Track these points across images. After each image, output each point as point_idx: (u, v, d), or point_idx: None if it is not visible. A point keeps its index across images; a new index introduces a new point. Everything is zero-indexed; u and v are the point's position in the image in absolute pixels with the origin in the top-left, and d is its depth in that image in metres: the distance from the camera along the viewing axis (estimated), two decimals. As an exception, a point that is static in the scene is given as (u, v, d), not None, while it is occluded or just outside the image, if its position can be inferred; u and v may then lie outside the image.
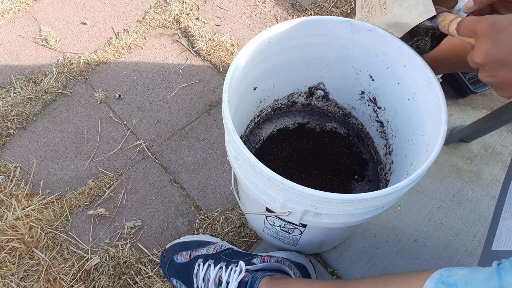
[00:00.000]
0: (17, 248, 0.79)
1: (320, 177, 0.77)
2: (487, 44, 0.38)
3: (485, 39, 0.38)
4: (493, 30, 0.37)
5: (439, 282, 0.41)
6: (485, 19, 0.39)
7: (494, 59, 0.38)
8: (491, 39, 0.37)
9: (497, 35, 0.37)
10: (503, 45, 0.37)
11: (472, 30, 0.41)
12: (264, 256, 0.70)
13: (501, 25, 0.37)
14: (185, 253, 0.73)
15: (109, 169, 0.90)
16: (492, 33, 0.37)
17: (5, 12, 1.13)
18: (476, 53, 0.39)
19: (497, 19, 0.37)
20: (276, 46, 0.62)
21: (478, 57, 0.39)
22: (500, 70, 0.38)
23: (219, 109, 0.98)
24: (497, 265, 0.37)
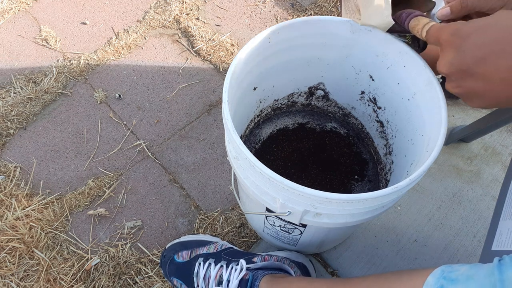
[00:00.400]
0: (17, 248, 0.79)
1: (320, 177, 0.77)
2: (451, 54, 0.36)
3: (449, 48, 0.37)
4: (456, 38, 0.36)
5: (441, 277, 0.41)
6: (448, 27, 0.37)
7: (459, 69, 0.36)
8: (454, 48, 0.36)
9: (460, 44, 0.35)
10: (467, 54, 0.35)
11: (436, 38, 0.39)
12: (265, 255, 0.70)
13: (464, 33, 0.35)
14: (185, 252, 0.73)
15: (109, 169, 0.90)
16: (455, 42, 0.36)
17: (5, 12, 1.13)
18: (441, 62, 0.38)
19: (460, 26, 0.36)
20: (276, 46, 0.62)
21: (442, 67, 0.38)
22: (466, 80, 0.36)
23: (219, 109, 0.98)
24: (498, 261, 0.38)
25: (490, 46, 0.34)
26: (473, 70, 0.35)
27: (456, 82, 0.37)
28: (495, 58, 0.33)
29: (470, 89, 0.36)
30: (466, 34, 0.35)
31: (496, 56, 0.33)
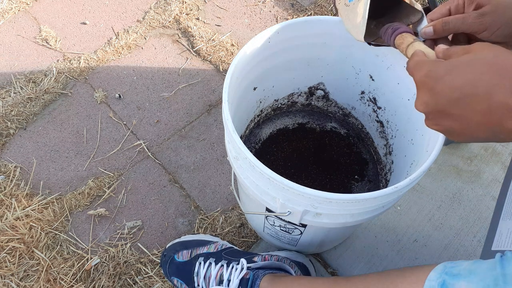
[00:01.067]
0: (17, 248, 0.79)
1: (320, 177, 0.77)
2: (425, 95, 0.36)
3: (423, 88, 0.36)
4: (429, 79, 0.35)
5: (443, 273, 0.41)
6: (421, 66, 0.37)
7: (435, 109, 0.35)
8: (428, 89, 0.35)
9: (433, 86, 0.34)
10: (441, 96, 0.34)
11: (411, 75, 0.39)
12: (265, 255, 0.70)
13: (437, 75, 0.34)
14: (185, 252, 0.73)
15: (109, 169, 0.90)
16: (428, 83, 0.35)
17: (5, 12, 1.13)
18: (417, 102, 0.37)
19: (433, 67, 0.35)
20: (276, 46, 0.62)
21: (419, 107, 0.37)
22: (443, 119, 0.35)
23: (219, 109, 0.98)
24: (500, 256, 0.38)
25: (463, 88, 0.33)
26: (449, 111, 0.34)
27: (434, 120, 0.37)
28: (469, 102, 0.33)
29: (449, 127, 0.36)
30: (439, 76, 0.34)
31: (470, 99, 0.33)
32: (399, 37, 0.48)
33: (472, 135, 0.35)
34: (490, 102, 0.32)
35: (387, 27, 0.52)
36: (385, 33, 0.52)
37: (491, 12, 0.44)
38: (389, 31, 0.51)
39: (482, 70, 0.32)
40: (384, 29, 0.52)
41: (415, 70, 0.37)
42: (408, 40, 0.46)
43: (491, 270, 0.37)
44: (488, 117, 0.32)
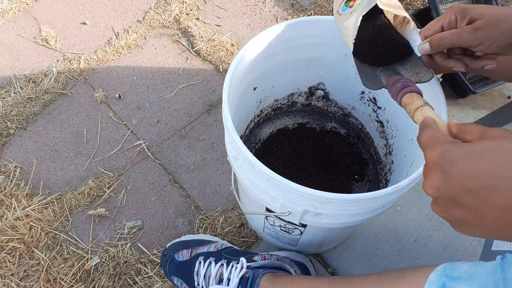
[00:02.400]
0: (17, 248, 0.79)
1: (320, 177, 0.77)
2: (437, 177, 0.32)
3: (435, 170, 0.33)
4: (444, 162, 0.32)
5: (443, 275, 0.41)
6: (436, 145, 0.33)
7: (446, 195, 0.32)
8: (441, 172, 0.32)
9: (448, 169, 0.31)
10: (455, 182, 0.31)
11: (423, 149, 0.35)
12: (265, 254, 0.70)
13: (452, 158, 0.31)
14: (185, 251, 0.73)
15: (109, 169, 0.90)
16: (442, 166, 0.32)
17: (5, 12, 1.13)
18: (427, 184, 0.34)
19: (449, 149, 0.32)
20: (276, 46, 0.62)
21: (428, 189, 0.34)
22: (454, 208, 0.32)
23: (219, 109, 0.98)
24: (501, 259, 0.38)
25: (481, 179, 0.30)
26: (462, 200, 0.31)
27: (443, 207, 0.33)
28: (487, 194, 0.29)
29: (459, 218, 0.32)
30: (455, 160, 0.31)
31: (489, 191, 0.29)
32: (408, 97, 0.45)
33: (484, 230, 0.32)
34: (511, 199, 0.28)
35: (395, 81, 0.49)
36: (391, 86, 0.49)
37: (485, 26, 0.44)
38: (397, 85, 0.48)
39: (504, 161, 0.29)
40: (391, 81, 0.49)
41: (428, 146, 0.34)
42: (418, 103, 0.43)
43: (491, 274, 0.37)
44: (508, 215, 0.29)
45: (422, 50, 0.49)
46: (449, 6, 0.94)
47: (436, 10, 0.93)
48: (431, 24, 0.49)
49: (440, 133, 0.35)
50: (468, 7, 0.46)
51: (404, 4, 1.15)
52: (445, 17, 0.48)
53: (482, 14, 0.44)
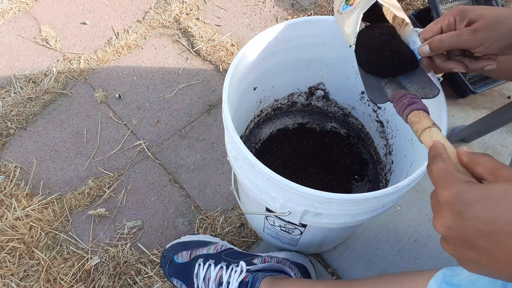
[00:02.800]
0: (17, 248, 0.79)
1: (320, 177, 0.77)
2: (450, 217, 0.31)
3: (448, 210, 0.32)
4: (458, 203, 0.31)
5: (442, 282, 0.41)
6: (450, 183, 0.32)
7: (459, 236, 0.31)
8: (454, 213, 0.31)
9: (462, 211, 0.31)
10: (469, 224, 0.30)
11: (434, 184, 0.34)
12: (265, 257, 0.70)
13: (467, 200, 0.30)
14: (185, 253, 0.73)
15: (109, 169, 0.90)
16: (456, 206, 0.31)
17: (5, 12, 1.13)
18: (438, 222, 0.33)
19: (464, 189, 0.31)
20: (276, 46, 0.62)
21: (439, 228, 0.33)
22: (466, 248, 0.31)
23: (219, 109, 0.98)
24: None
25: (497, 223, 0.29)
26: (476, 243, 0.30)
27: (454, 246, 0.32)
28: (504, 239, 0.29)
29: (470, 258, 0.32)
30: (470, 202, 0.30)
31: (504, 237, 0.29)
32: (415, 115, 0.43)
33: (496, 272, 0.31)
34: None
35: (401, 96, 0.47)
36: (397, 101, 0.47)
37: (484, 28, 0.44)
38: (403, 101, 0.46)
39: None
40: (396, 95, 0.48)
41: (442, 183, 0.33)
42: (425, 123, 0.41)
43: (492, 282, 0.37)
44: None
45: (421, 52, 0.49)
46: (449, 7, 0.94)
47: (436, 10, 0.93)
48: (430, 26, 0.49)
49: (452, 166, 0.34)
50: (467, 9, 0.46)
51: (404, 4, 1.15)
52: (444, 19, 0.47)
53: (481, 15, 0.44)
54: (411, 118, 0.44)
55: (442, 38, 0.46)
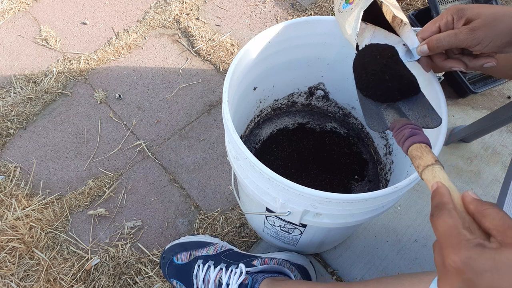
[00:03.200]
0: (17, 248, 0.79)
1: (320, 177, 0.77)
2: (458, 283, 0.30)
3: (456, 276, 0.30)
4: (467, 270, 0.29)
5: None
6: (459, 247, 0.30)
7: None
8: (464, 280, 0.30)
9: (471, 279, 0.29)
10: None
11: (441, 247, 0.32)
12: (265, 258, 0.70)
13: (477, 268, 0.29)
14: (184, 254, 0.73)
15: (109, 169, 0.90)
16: (466, 274, 0.30)
17: (5, 12, 1.13)
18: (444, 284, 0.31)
19: (473, 256, 0.29)
20: (276, 46, 0.62)
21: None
22: None
23: (219, 109, 0.98)
24: None
25: None
26: None
27: None
28: None
29: None
30: (480, 270, 0.29)
31: None
32: (416, 148, 0.41)
33: None
34: None
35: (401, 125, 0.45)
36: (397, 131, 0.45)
37: (482, 26, 0.44)
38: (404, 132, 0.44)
39: None
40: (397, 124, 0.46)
41: (448, 243, 0.31)
42: (428, 159, 0.39)
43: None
44: None
45: (420, 52, 0.49)
46: (449, 6, 0.94)
47: (436, 10, 0.93)
48: (428, 25, 0.49)
49: (459, 222, 0.31)
50: (465, 7, 0.46)
51: (404, 4, 1.15)
52: (442, 18, 0.47)
53: (479, 14, 0.44)
54: (412, 151, 0.41)
55: (440, 38, 0.46)
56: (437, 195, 0.34)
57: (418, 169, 0.40)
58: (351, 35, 0.54)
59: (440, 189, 0.35)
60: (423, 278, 0.44)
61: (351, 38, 0.54)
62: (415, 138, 0.42)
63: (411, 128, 0.43)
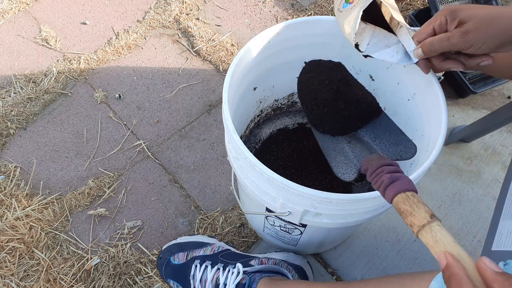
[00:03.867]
0: (17, 248, 0.79)
1: (320, 177, 0.77)
2: None
3: None
4: None
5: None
6: None
7: None
8: None
9: None
10: None
11: None
12: (262, 258, 0.70)
13: None
14: (181, 254, 0.73)
15: (109, 169, 0.90)
16: None
17: (5, 12, 1.13)
18: None
19: None
20: (276, 46, 0.62)
21: None
22: None
23: (219, 109, 0.98)
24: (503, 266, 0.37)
25: None
26: None
27: None
28: None
29: None
30: None
31: None
32: (403, 200, 0.35)
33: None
34: None
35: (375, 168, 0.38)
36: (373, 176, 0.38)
37: (475, 29, 0.43)
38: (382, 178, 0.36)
39: None
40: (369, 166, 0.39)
41: None
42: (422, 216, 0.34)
43: None
44: None
45: (416, 55, 0.49)
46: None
47: (436, 10, 0.93)
48: (423, 27, 0.49)
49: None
50: (458, 9, 0.45)
51: (404, 4, 1.15)
52: (436, 19, 0.47)
53: (471, 16, 0.44)
54: (398, 204, 0.35)
55: (433, 42, 0.46)
56: (455, 281, 0.28)
57: (412, 228, 0.34)
58: (350, 34, 0.54)
59: (454, 268, 0.28)
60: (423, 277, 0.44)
61: (350, 37, 0.54)
62: (398, 186, 0.35)
63: (389, 171, 0.37)
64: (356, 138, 0.44)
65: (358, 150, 0.42)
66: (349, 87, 0.43)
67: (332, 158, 0.44)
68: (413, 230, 0.34)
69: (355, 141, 0.43)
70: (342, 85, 0.43)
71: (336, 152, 0.44)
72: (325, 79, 0.44)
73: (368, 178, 0.39)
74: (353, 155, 0.42)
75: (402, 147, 0.41)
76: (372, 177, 0.38)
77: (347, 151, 0.43)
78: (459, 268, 0.28)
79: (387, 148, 0.41)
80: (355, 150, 0.42)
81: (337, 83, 0.43)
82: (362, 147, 0.42)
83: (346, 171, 0.42)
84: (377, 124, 0.44)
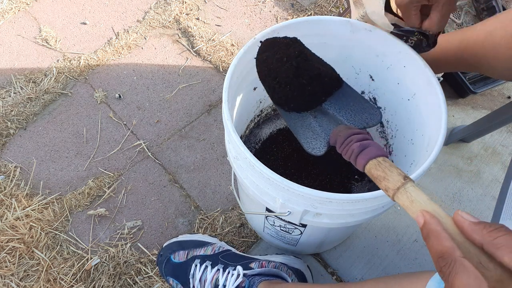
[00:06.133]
0: (17, 248, 0.79)
1: (320, 177, 0.77)
2: None
3: None
4: None
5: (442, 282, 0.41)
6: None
7: None
8: None
9: None
10: None
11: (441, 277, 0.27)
12: (262, 261, 0.70)
13: None
14: (182, 252, 0.73)
15: (109, 169, 0.90)
16: None
17: (5, 12, 1.13)
18: None
19: None
20: (276, 46, 0.62)
21: None
22: None
23: (219, 109, 0.98)
24: None
25: None
26: None
27: None
28: None
29: None
30: None
31: None
32: (375, 166, 0.35)
33: None
34: None
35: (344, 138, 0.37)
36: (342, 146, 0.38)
37: None
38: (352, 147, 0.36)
39: None
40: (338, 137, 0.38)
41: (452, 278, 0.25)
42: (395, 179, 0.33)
43: None
44: None
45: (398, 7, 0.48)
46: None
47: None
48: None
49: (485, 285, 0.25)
50: None
51: (404, 4, 1.15)
52: None
53: None
54: (371, 171, 0.36)
55: None
56: (432, 237, 0.28)
57: (388, 192, 0.34)
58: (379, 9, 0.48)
59: (431, 225, 0.28)
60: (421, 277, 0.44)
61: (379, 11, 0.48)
62: (368, 154, 0.36)
63: (357, 140, 0.37)
64: (321, 111, 0.44)
65: (325, 123, 0.42)
66: (308, 61, 0.43)
67: (301, 135, 0.44)
68: (388, 194, 0.34)
69: (321, 114, 0.43)
70: (301, 60, 0.43)
71: (304, 128, 0.44)
72: (283, 56, 0.43)
73: (338, 149, 0.39)
74: (320, 129, 0.42)
75: (367, 115, 0.41)
76: (342, 148, 0.38)
77: (314, 126, 0.43)
78: (436, 224, 0.28)
79: (352, 118, 0.42)
80: (322, 124, 0.43)
81: (295, 59, 0.43)
82: (329, 119, 0.43)
83: (315, 145, 0.43)
84: (340, 95, 0.44)
